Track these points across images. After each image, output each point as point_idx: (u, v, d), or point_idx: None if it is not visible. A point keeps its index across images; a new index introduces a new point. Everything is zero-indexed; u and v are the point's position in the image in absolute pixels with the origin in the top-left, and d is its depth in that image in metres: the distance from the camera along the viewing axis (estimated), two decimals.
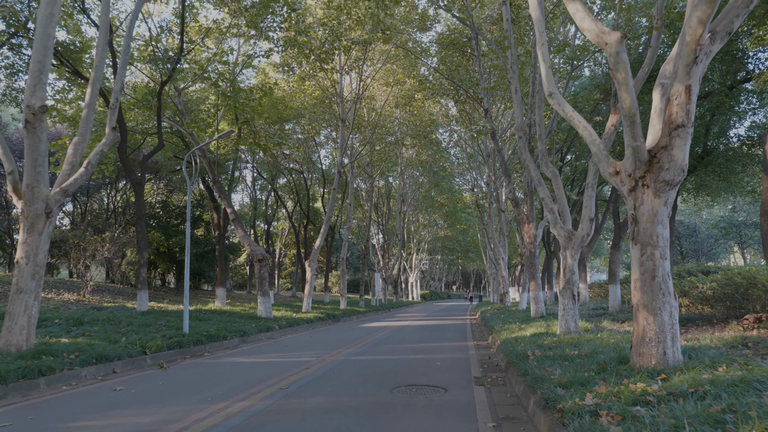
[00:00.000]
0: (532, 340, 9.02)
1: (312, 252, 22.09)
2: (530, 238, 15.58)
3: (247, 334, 12.90)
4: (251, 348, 11.35)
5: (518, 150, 11.90)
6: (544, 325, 11.80)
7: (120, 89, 9.28)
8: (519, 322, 13.37)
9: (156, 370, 8.12)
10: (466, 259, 74.86)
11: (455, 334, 14.39)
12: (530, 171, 11.37)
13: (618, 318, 14.26)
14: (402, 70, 25.95)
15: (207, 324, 13.42)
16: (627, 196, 6.14)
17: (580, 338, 8.71)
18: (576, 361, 6.48)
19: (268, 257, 17.38)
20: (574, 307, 10.51)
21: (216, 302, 20.51)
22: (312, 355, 9.86)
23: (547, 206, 11.16)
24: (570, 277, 10.58)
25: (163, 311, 15.98)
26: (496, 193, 26.45)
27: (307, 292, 21.63)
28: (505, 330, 11.76)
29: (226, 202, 18.46)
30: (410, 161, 38.57)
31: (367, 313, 27.32)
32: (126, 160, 15.33)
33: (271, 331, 14.47)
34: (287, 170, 33.63)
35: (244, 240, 17.80)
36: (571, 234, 10.68)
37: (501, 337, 10.75)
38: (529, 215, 15.75)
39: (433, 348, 10.90)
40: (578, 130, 6.92)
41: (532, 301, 15.16)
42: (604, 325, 13.05)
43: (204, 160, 18.79)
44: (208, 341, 11.04)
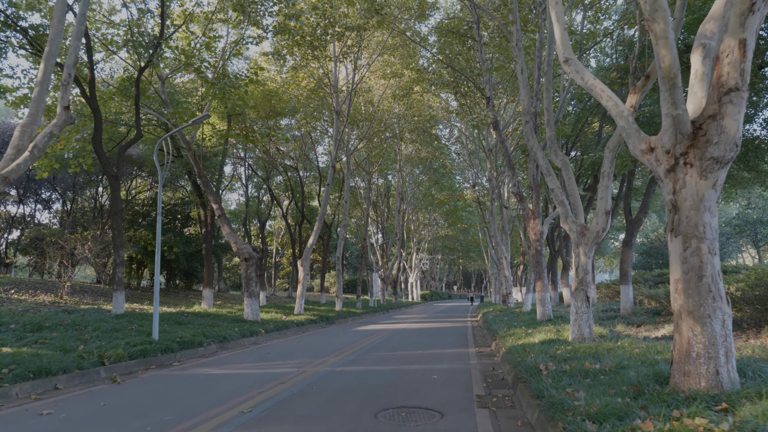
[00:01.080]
0: (542, 348, 7.89)
1: (305, 251, 20.98)
2: (536, 235, 14.45)
3: (227, 339, 11.78)
4: (228, 356, 10.24)
5: (525, 136, 10.78)
6: (553, 330, 10.67)
7: (73, 63, 8.18)
8: (525, 326, 12.24)
9: (107, 386, 7.01)
10: (467, 258, 73.73)
11: (455, 339, 13.27)
12: (538, 159, 10.27)
13: (632, 321, 13.12)
14: (400, 60, 24.83)
15: (185, 329, 12.31)
16: (664, 177, 5.01)
17: (598, 347, 7.58)
18: (600, 378, 5.35)
19: (256, 256, 16.27)
20: (588, 311, 9.38)
21: (203, 304, 19.39)
22: (293, 365, 8.74)
23: (558, 198, 10.03)
24: (583, 277, 9.45)
25: (143, 314, 14.86)
26: (498, 190, 25.33)
27: (300, 293, 20.51)
28: (510, 335, 10.63)
29: (212, 197, 17.35)
30: (409, 158, 37.45)
31: (364, 314, 26.19)
32: (101, 151, 14.22)
33: (255, 335, 13.36)
34: (282, 166, 32.52)
35: (230, 238, 16.69)
36: (585, 229, 9.56)
37: (506, 344, 9.63)
38: (534, 210, 14.63)
39: (430, 356, 9.78)
40: (601, 100, 5.79)
41: (539, 303, 14.03)
42: (619, 329, 11.93)
43: (189, 153, 17.69)
44: (179, 349, 9.92)
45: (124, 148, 14.98)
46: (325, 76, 21.82)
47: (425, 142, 33.12)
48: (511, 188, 14.98)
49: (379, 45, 23.89)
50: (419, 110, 27.96)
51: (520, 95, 11.26)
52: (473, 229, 55.27)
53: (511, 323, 13.65)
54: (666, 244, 42.57)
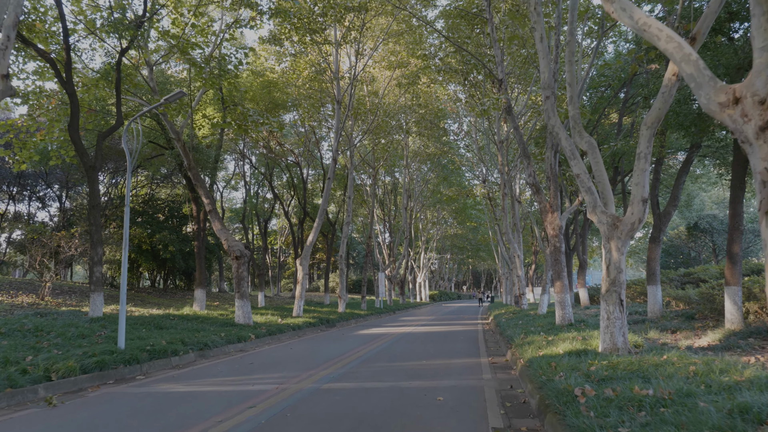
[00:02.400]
0: (571, 363, 6.51)
1: (304, 249, 19.72)
2: (555, 230, 13.03)
3: (208, 346, 10.51)
4: (205, 367, 8.96)
5: (545, 114, 9.38)
6: (578, 338, 9.26)
7: (12, 24, 6.93)
8: (544, 333, 10.84)
9: (38, 410, 5.74)
10: (476, 258, 72.18)
11: (465, 346, 11.89)
12: (561, 140, 8.88)
13: (665, 327, 11.66)
14: (405, 48, 23.47)
15: (164, 334, 11.07)
16: (754, 139, 3.61)
17: (641, 362, 6.18)
18: (662, 412, 3.97)
19: (248, 254, 15.01)
20: (623, 317, 7.97)
21: (195, 306, 18.18)
22: (274, 379, 7.44)
23: (584, 185, 8.63)
24: (616, 277, 8.04)
25: None
26: (510, 184, 23.88)
27: (299, 293, 19.24)
28: (528, 344, 9.24)
29: (202, 191, 16.13)
30: (417, 153, 36.07)
31: (368, 316, 24.88)
32: (77, 139, 13.04)
33: (243, 341, 12.08)
34: (285, 162, 31.29)
35: (220, 234, 15.46)
36: (617, 220, 8.14)
37: (525, 355, 8.25)
38: (553, 203, 13.21)
39: (435, 369, 8.42)
40: (658, 43, 4.41)
41: (558, 306, 12.61)
42: (652, 336, 10.48)
43: (178, 144, 16.48)
44: (148, 359, 8.66)
45: (103, 137, 13.79)
46: (324, 62, 20.51)
47: (433, 136, 31.74)
48: (527, 178, 13.57)
49: (382, 31, 22.56)
50: (426, 102, 26.58)
51: (540, 67, 9.86)
52: (483, 228, 53.75)
53: (528, 328, 12.24)
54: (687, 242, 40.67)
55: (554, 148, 13.65)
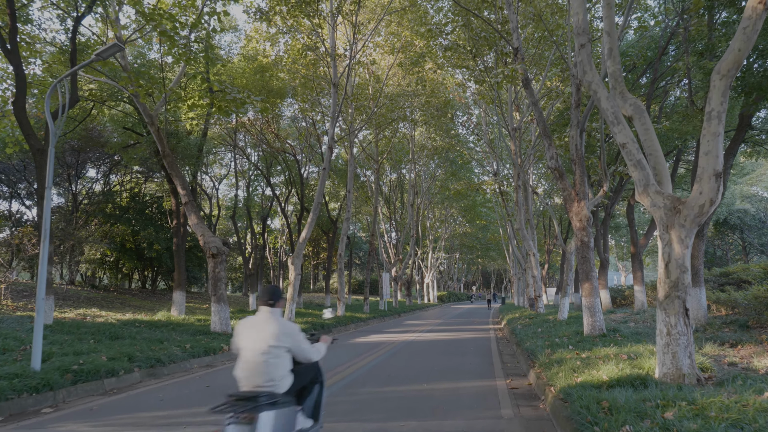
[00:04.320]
0: (631, 403, 4.51)
1: (296, 246, 17.81)
2: (582, 222, 11.00)
3: (162, 363, 8.61)
4: (146, 392, 7.07)
5: (579, 67, 7.37)
6: (621, 355, 7.24)
7: None
8: (573, 346, 8.82)
9: None
10: (486, 257, 70.01)
11: (476, 361, 9.90)
12: (600, 101, 6.87)
13: (721, 339, 9.57)
14: (408, 28, 21.50)
15: (113, 347, 9.20)
16: None
17: (740, 405, 4.18)
18: None
19: (225, 251, 13.13)
20: (688, 332, 5.95)
21: (172, 310, 16.32)
22: None
23: (632, 158, 6.61)
24: (679, 278, 6.03)
25: (79, 324, 11.84)
26: (524, 176, 21.81)
27: (290, 296, 17.33)
28: (557, 363, 7.23)
29: (178, 180, 14.29)
30: (423, 147, 34.08)
31: (370, 320, 22.94)
32: (24, 119, 11.27)
33: (213, 354, 10.19)
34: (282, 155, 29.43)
35: (197, 229, 13.61)
36: (678, 203, 6.13)
37: (556, 381, 6.26)
38: (579, 190, 11.18)
39: (438, 398, 6.46)
40: None
41: (587, 312, 10.57)
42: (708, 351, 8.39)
43: (152, 129, 14.65)
44: (71, 383, 6.78)
45: (55, 116, 11.95)
46: (318, 39, 18.59)
47: (440, 127, 29.74)
48: (548, 162, 11.56)
49: (383, 8, 20.61)
50: (432, 89, 24.57)
51: (572, 9, 7.85)
52: (493, 226, 51.65)
53: (551, 339, 10.22)
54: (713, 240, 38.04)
55: (580, 127, 11.61)
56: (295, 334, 3.61)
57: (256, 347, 3.43)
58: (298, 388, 3.76)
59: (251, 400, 3.17)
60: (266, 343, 3.42)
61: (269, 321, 3.52)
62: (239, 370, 3.47)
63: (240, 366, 3.47)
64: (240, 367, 3.47)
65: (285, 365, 3.51)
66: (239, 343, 3.55)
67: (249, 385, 3.39)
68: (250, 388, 3.38)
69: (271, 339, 3.43)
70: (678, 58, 16.34)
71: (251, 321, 3.60)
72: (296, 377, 3.68)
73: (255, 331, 3.50)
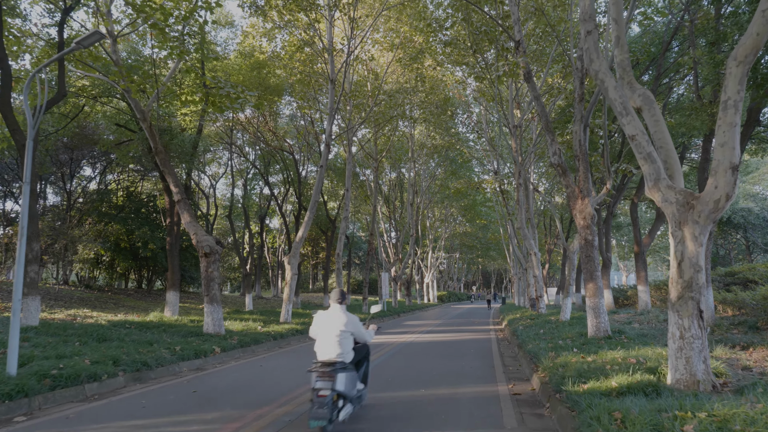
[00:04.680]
0: (646, 414, 4.14)
1: (293, 246, 17.47)
2: (586, 220, 10.64)
3: (148, 366, 8.25)
4: (129, 398, 6.71)
5: (585, 54, 7.01)
6: (629, 359, 6.88)
7: None
8: (578, 349, 8.47)
9: None
10: (486, 257, 69.68)
11: (476, 364, 9.54)
12: (608, 91, 6.51)
13: (731, 341, 9.21)
14: (407, 23, 21.13)
15: (99, 349, 8.85)
16: None
17: (756, 417, 3.82)
18: None
19: (219, 250, 12.77)
20: (703, 335, 5.60)
21: (166, 310, 15.95)
22: (203, 425, 5.17)
23: (642, 150, 6.25)
24: (693, 278, 5.67)
25: (68, 325, 11.49)
26: (525, 173, 21.44)
27: (287, 296, 16.99)
28: (563, 367, 6.87)
29: (171, 178, 13.92)
30: (423, 145, 33.69)
31: (369, 320, 22.56)
32: (8, 113, 10.90)
33: (204, 356, 9.83)
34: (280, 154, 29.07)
35: (189, 228, 13.24)
36: (692, 198, 5.78)
37: (563, 388, 5.90)
38: (583, 187, 10.83)
39: (437, 405, 6.10)
40: None
41: (591, 313, 10.22)
42: (719, 354, 8.02)
43: (144, 125, 14.27)
44: (49, 389, 6.42)
45: (40, 111, 11.59)
46: (315, 33, 18.22)
47: (439, 125, 29.38)
48: (551, 158, 11.20)
49: (381, 3, 20.23)
50: (432, 87, 24.20)
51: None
52: (493, 225, 51.30)
53: (555, 341, 9.87)
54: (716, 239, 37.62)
55: (584, 121, 11.25)
56: (357, 323, 5.26)
57: (331, 331, 5.05)
58: (356, 360, 5.38)
59: (330, 365, 4.82)
60: (339, 328, 5.06)
61: (340, 314, 5.15)
62: (319, 346, 5.09)
63: (319, 344, 5.11)
64: (319, 344, 5.10)
65: (350, 344, 5.14)
66: (318, 329, 5.18)
67: (326, 357, 4.98)
68: (328, 359, 4.96)
69: (342, 326, 5.07)
70: (684, 53, 15.99)
71: (327, 314, 5.20)
72: (356, 353, 5.31)
73: (330, 320, 5.11)
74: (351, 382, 5.00)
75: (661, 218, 18.17)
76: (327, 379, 4.68)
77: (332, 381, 4.68)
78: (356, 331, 5.21)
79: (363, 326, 5.44)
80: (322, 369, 4.77)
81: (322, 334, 5.11)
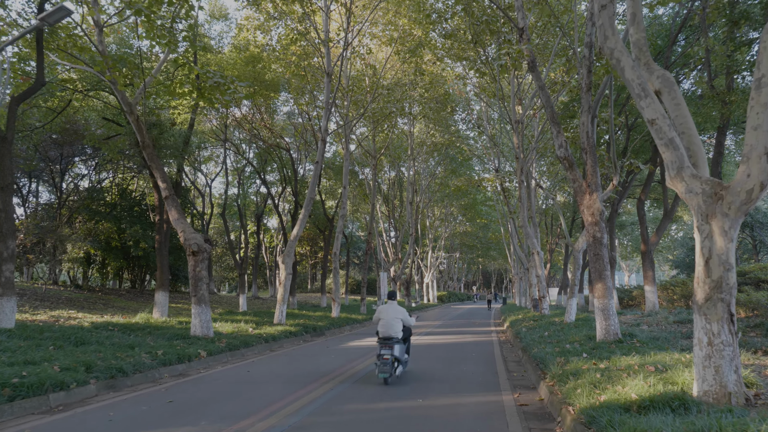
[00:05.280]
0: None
1: (288, 244, 16.89)
2: (594, 216, 10.03)
3: (124, 372, 7.64)
4: (97, 409, 6.11)
5: (599, 32, 6.39)
6: (647, 366, 6.27)
7: None
8: (588, 354, 7.87)
9: None
10: (487, 257, 69.08)
11: (478, 369, 8.94)
12: (624, 71, 5.90)
13: (753, 345, 8.60)
14: (405, 15, 20.52)
15: (75, 353, 8.25)
16: None
17: None
18: None
19: (207, 248, 12.17)
20: (734, 342, 4.99)
21: (155, 311, 15.34)
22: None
23: (663, 136, 5.64)
24: (722, 277, 5.06)
25: (46, 328, 10.88)
26: (526, 170, 20.83)
27: (281, 297, 16.39)
28: (573, 375, 6.27)
29: (158, 173, 13.32)
30: (422, 142, 33.08)
31: (366, 321, 21.97)
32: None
33: (188, 361, 9.22)
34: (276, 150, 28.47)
35: (177, 225, 12.64)
36: (720, 187, 5.17)
37: (574, 398, 5.31)
38: (591, 181, 10.22)
39: (435, 419, 5.49)
40: None
41: (600, 315, 9.60)
42: (744, 361, 7.41)
43: (131, 118, 13.66)
44: (6, 400, 5.81)
45: (18, 101, 11.04)
46: (312, 27, 17.62)
47: (439, 121, 28.78)
48: (557, 150, 10.58)
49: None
50: (431, 80, 23.59)
51: None
52: (494, 225, 50.71)
53: (561, 345, 9.26)
54: None
55: (591, 112, 10.64)
56: (405, 313, 7.86)
57: (390, 318, 7.63)
58: (404, 337, 7.81)
59: (389, 339, 7.40)
60: (394, 316, 7.64)
61: (394, 306, 7.84)
62: (381, 327, 7.67)
63: (381, 325, 7.67)
64: (381, 326, 7.67)
65: (401, 326, 7.64)
66: (380, 315, 7.76)
67: (386, 334, 7.52)
68: (387, 335, 7.50)
69: (396, 314, 7.66)
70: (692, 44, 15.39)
71: (385, 306, 7.88)
72: (404, 332, 7.79)
73: (388, 310, 7.75)
74: (402, 351, 7.71)
75: (669, 216, 17.57)
76: (388, 348, 7.38)
77: (391, 349, 7.35)
78: (404, 318, 7.88)
79: (408, 315, 8.01)
80: (384, 342, 7.52)
81: (383, 319, 7.76)
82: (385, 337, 7.55)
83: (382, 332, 7.60)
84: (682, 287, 18.10)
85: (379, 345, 7.47)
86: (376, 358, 7.40)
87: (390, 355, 7.24)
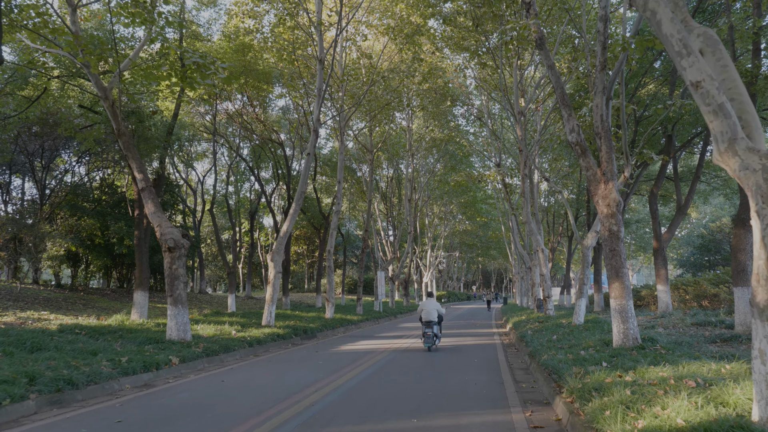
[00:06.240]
0: None
1: (277, 241, 15.89)
2: (610, 207, 9.03)
3: (73, 385, 6.64)
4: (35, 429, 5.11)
5: None
6: (686, 380, 5.27)
7: None
8: (607, 363, 6.87)
9: None
10: (487, 256, 68.11)
11: (482, 379, 7.93)
12: (662, 25, 4.89)
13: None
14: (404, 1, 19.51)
15: (29, 360, 7.26)
16: None
17: None
18: None
19: (185, 244, 11.16)
20: None
21: (133, 312, 14.31)
22: None
23: (712, 101, 4.63)
24: None
25: (3, 331, 9.87)
26: (530, 164, 19.82)
27: (269, 297, 15.39)
28: (597, 391, 5.27)
29: (135, 164, 12.34)
30: (421, 137, 32.07)
31: (362, 322, 20.99)
32: None
33: (156, 369, 8.21)
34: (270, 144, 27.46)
35: (153, 219, 11.64)
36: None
37: (605, 425, 4.31)
38: (606, 168, 9.22)
39: None
40: None
41: (617, 317, 8.58)
42: None
43: (105, 104, 12.65)
44: None
45: None
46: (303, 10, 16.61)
47: (438, 115, 27.80)
48: (569, 135, 9.58)
49: None
50: (430, 69, 22.57)
51: None
52: (494, 223, 49.73)
53: (575, 351, 8.26)
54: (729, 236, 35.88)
55: (606, 93, 9.65)
56: (438, 305, 12.08)
57: (430, 308, 11.84)
58: (438, 321, 11.97)
59: (430, 323, 11.80)
60: (432, 307, 11.86)
61: (432, 301, 12.19)
62: (424, 315, 11.84)
63: (425, 314, 11.81)
64: (425, 314, 11.81)
65: (436, 314, 11.86)
66: (424, 307, 11.92)
67: (428, 319, 11.76)
68: (429, 320, 11.76)
69: (434, 306, 11.92)
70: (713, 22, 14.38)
71: (426, 301, 12.18)
72: (438, 317, 11.97)
73: (428, 304, 11.97)
74: (438, 330, 11.94)
75: (683, 211, 16.57)
76: (430, 327, 11.61)
77: (431, 328, 11.60)
78: (438, 309, 11.86)
79: (440, 306, 12.06)
80: (427, 323, 11.67)
81: (425, 310, 11.77)
82: (427, 321, 11.66)
83: (425, 318, 11.70)
84: (695, 286, 17.11)
85: (423, 326, 11.69)
86: (422, 335, 11.75)
87: (431, 333, 11.56)
